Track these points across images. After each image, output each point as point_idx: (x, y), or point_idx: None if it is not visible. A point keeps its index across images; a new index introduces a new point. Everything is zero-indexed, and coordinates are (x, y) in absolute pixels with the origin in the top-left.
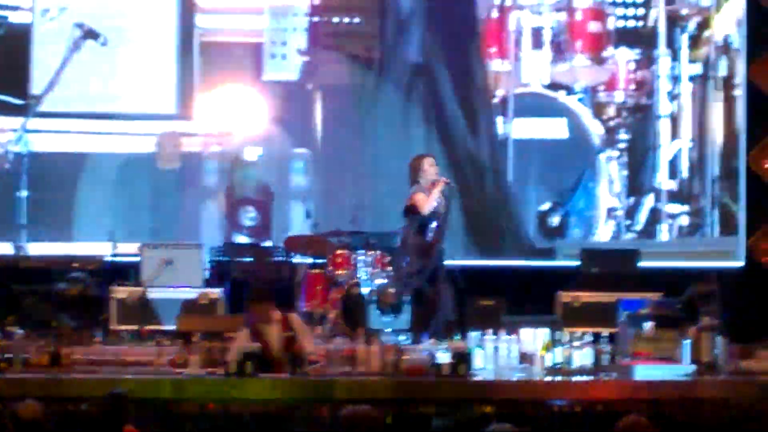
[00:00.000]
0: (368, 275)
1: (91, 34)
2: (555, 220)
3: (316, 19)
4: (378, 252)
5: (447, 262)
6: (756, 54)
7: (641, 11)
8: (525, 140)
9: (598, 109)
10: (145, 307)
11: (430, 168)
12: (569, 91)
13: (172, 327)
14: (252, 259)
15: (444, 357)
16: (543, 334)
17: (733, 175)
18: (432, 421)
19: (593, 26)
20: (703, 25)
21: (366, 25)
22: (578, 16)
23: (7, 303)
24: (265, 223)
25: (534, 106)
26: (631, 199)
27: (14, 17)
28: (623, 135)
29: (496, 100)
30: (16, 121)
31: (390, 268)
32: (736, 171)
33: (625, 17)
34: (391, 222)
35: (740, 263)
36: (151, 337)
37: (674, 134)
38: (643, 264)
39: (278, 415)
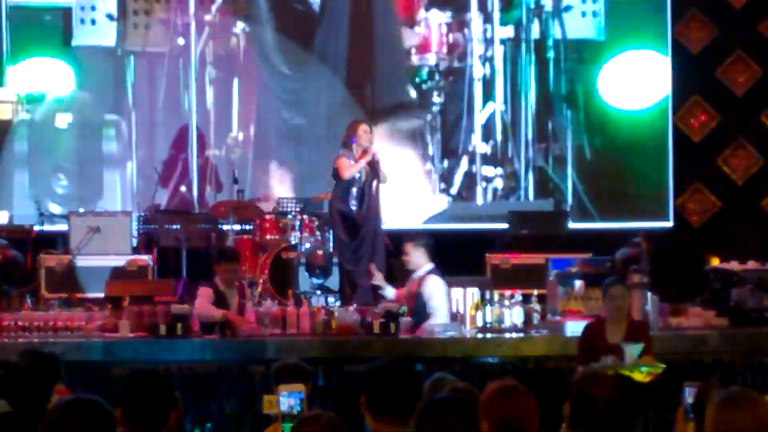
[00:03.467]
0: (296, 239)
1: None
2: None
3: None
4: (306, 216)
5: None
6: (680, 14)
7: None
8: None
9: (410, 73)
10: (74, 275)
11: (363, 135)
12: None
13: (101, 294)
14: (179, 225)
15: (375, 317)
16: (473, 294)
17: (545, 139)
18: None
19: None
20: None
21: None
22: None
23: None
24: (78, 191)
25: None
26: (446, 163)
27: None
28: (436, 98)
29: None
30: None
31: (318, 233)
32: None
33: None
34: None
35: (669, 223)
36: (81, 304)
37: (488, 97)
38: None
39: (209, 376)
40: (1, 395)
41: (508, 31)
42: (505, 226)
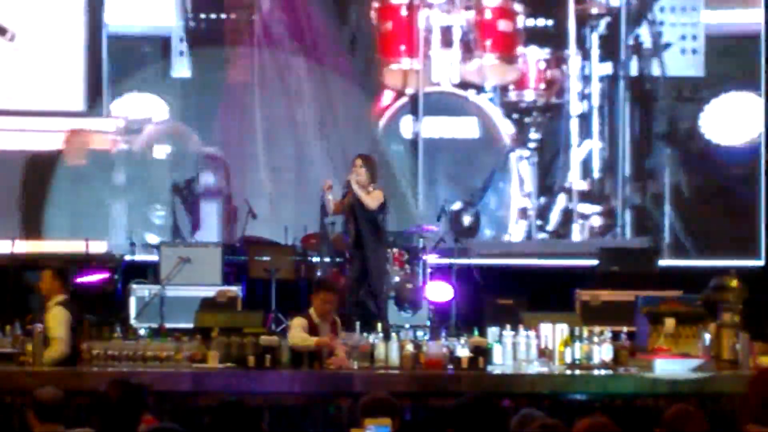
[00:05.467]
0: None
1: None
2: (466, 220)
3: (224, 16)
4: (396, 249)
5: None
6: None
7: (551, 10)
8: (435, 139)
9: (508, 109)
10: (164, 305)
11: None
12: (479, 90)
13: (190, 324)
14: (269, 257)
15: (463, 351)
16: (562, 330)
17: (643, 176)
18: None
19: (503, 25)
20: (614, 24)
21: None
22: (488, 15)
23: (25, 300)
24: (174, 221)
25: (444, 105)
26: (543, 199)
27: None
28: (534, 134)
29: (405, 99)
30: None
31: (407, 266)
32: (648, 172)
33: (534, 16)
34: None
35: (760, 262)
36: (170, 334)
37: (585, 134)
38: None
39: (296, 408)
40: (89, 424)
41: (607, 68)
42: (596, 262)
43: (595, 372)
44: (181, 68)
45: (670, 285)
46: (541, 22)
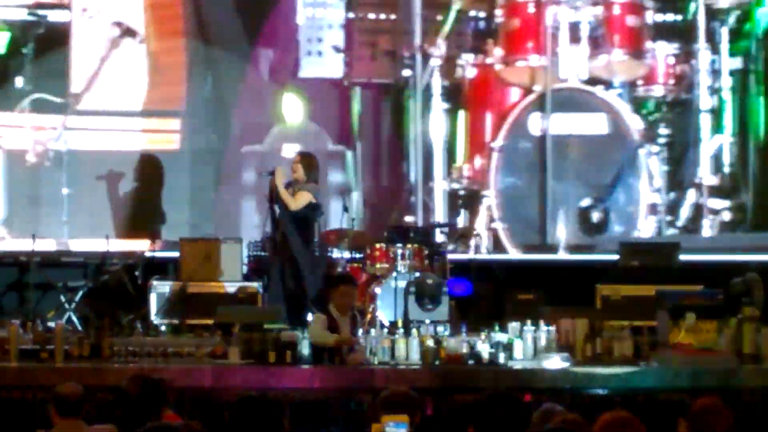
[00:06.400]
0: (406, 268)
1: (129, 32)
2: (595, 216)
3: (351, 15)
4: (416, 245)
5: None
6: None
7: (680, 5)
8: (564, 136)
9: (637, 104)
10: (185, 301)
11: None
12: (608, 86)
13: (211, 320)
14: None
15: (483, 347)
16: (582, 325)
17: None
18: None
19: (631, 20)
20: (743, 18)
21: (400, 21)
22: (616, 10)
23: (49, 296)
24: None
25: (572, 101)
26: (672, 195)
27: (53, 16)
28: (663, 130)
29: (533, 96)
30: (56, 120)
31: (427, 262)
32: None
33: (663, 11)
34: None
35: None
36: (191, 330)
37: (715, 129)
38: (683, 257)
39: (317, 403)
40: (110, 420)
41: (737, 62)
42: (616, 257)
43: (616, 367)
44: (311, 68)
45: (691, 280)
46: (669, 16)
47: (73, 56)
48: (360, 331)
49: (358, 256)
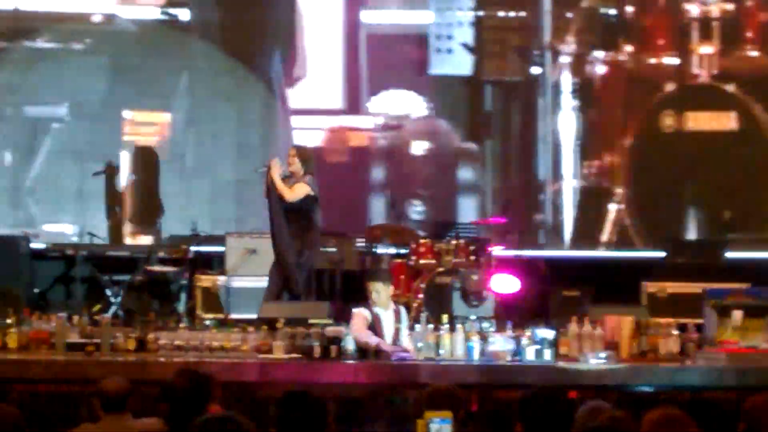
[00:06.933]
0: (451, 264)
1: None
2: (727, 215)
3: (481, 13)
4: (461, 241)
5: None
6: None
7: None
8: (695, 132)
9: None
10: (229, 295)
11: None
12: (740, 82)
13: (255, 315)
14: (335, 248)
15: (529, 343)
16: (628, 322)
17: None
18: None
19: (763, 16)
20: None
21: (529, 18)
22: (748, 6)
23: (95, 291)
24: (432, 216)
25: (704, 98)
26: None
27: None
28: None
29: (665, 93)
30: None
31: (473, 257)
32: None
33: None
34: None
35: None
36: (236, 325)
37: None
38: (731, 255)
39: (361, 399)
40: (155, 413)
41: None
42: (662, 254)
43: (662, 364)
44: (441, 65)
45: (738, 277)
46: None
47: None
48: (403, 328)
49: (402, 251)
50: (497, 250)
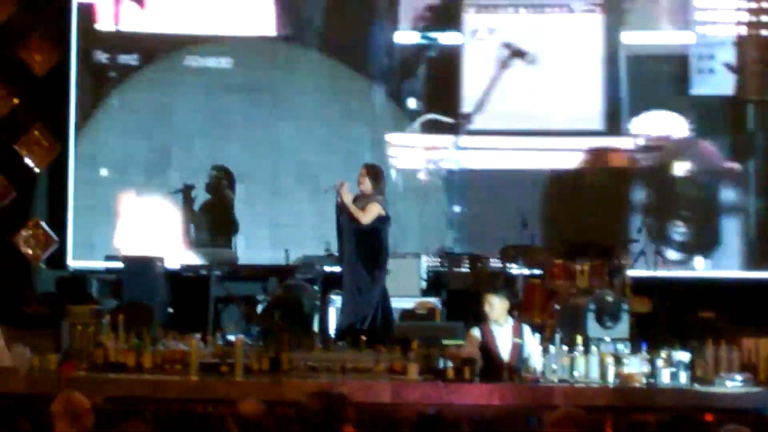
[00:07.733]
0: (587, 285)
1: (518, 54)
2: None
3: (743, 32)
4: (596, 262)
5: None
6: None
7: None
8: None
9: None
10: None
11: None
12: None
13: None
14: (468, 269)
15: (664, 366)
16: (766, 344)
17: None
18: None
19: None
20: None
21: None
22: None
23: (229, 310)
24: (697, 238)
25: None
26: None
27: (444, 39)
28: None
29: None
30: (447, 139)
31: (607, 278)
32: None
33: None
34: None
35: None
36: (369, 345)
37: None
38: None
39: (495, 421)
40: None
41: None
42: None
43: None
44: (702, 85)
45: None
46: None
47: (464, 77)
48: (527, 345)
49: (537, 272)
50: (632, 271)
